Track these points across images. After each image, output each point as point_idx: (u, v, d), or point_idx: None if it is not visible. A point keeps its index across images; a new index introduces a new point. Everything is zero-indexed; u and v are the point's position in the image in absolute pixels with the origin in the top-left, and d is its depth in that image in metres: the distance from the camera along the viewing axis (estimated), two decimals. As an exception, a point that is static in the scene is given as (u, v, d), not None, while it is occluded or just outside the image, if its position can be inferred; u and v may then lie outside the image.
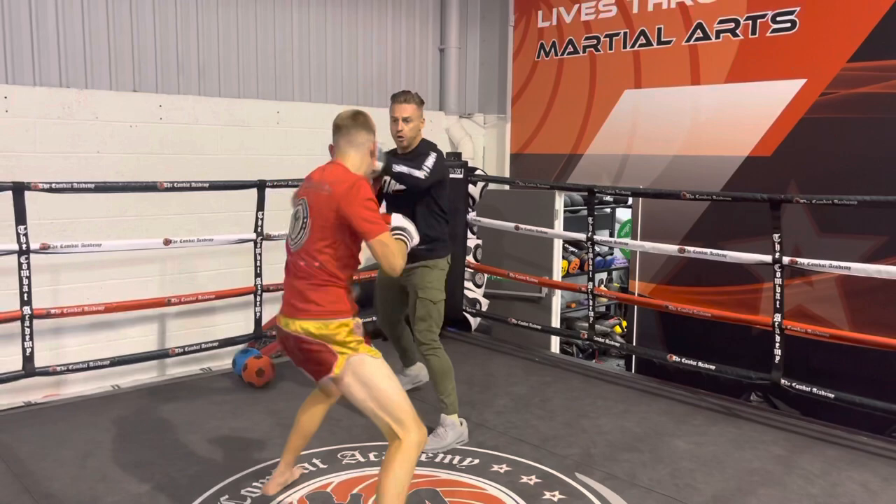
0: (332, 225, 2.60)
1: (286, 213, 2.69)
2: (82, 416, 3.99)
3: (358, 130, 2.76)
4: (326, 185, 2.64)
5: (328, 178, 2.67)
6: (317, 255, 2.62)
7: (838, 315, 4.48)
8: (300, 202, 2.72)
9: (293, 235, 2.72)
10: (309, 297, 2.61)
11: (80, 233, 4.29)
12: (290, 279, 2.72)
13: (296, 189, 2.82)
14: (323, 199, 2.62)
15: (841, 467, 3.47)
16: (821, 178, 4.54)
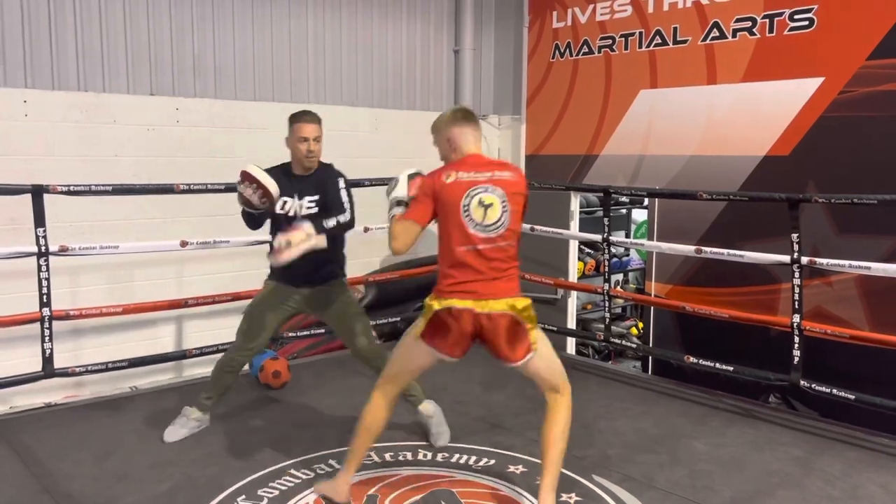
0: (520, 210, 2.89)
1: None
2: (101, 416, 4.03)
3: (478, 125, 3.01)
4: (508, 173, 2.89)
5: (500, 167, 2.92)
6: (513, 239, 2.85)
7: (858, 315, 4.43)
8: (486, 189, 2.80)
9: (485, 222, 2.78)
10: (512, 277, 2.84)
11: (99, 235, 4.33)
12: (479, 264, 2.79)
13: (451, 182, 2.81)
14: (514, 185, 2.85)
15: (861, 469, 3.43)
16: (840, 177, 4.49)
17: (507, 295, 2.80)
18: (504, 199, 2.81)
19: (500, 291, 2.80)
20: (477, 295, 2.78)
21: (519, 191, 2.88)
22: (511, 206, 2.82)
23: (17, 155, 4.28)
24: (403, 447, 3.60)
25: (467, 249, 2.79)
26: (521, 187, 2.90)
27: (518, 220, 2.88)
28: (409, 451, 3.57)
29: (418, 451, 3.58)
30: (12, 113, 4.27)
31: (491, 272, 2.80)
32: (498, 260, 2.80)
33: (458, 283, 2.80)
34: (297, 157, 3.64)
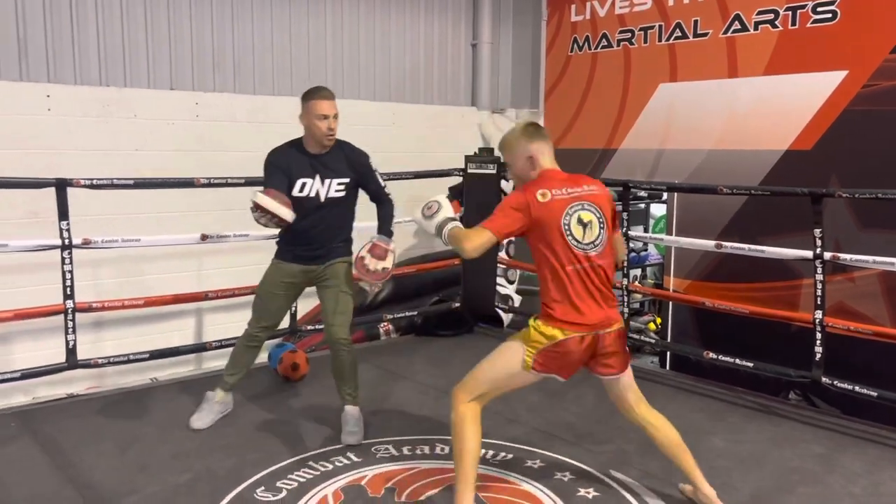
0: (611, 226, 2.88)
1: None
2: (122, 408, 4.07)
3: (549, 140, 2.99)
4: (596, 187, 2.88)
5: (586, 181, 2.89)
6: (611, 258, 2.86)
7: (881, 312, 4.38)
8: (582, 206, 2.78)
9: (587, 240, 2.76)
10: (610, 296, 2.83)
11: (120, 228, 4.37)
12: (588, 284, 2.76)
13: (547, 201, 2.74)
14: (605, 199, 2.86)
15: (883, 467, 3.40)
16: (863, 171, 4.44)
17: (617, 320, 2.85)
18: (601, 216, 2.80)
19: (612, 319, 2.82)
20: (595, 320, 2.76)
21: (610, 204, 2.88)
22: (606, 224, 2.82)
23: (40, 149, 4.33)
24: (421, 441, 3.61)
25: (574, 269, 2.74)
26: (610, 200, 2.90)
27: (610, 235, 2.86)
28: (426, 445, 3.58)
29: (436, 444, 3.59)
30: (35, 107, 4.32)
31: (600, 296, 2.78)
32: (602, 280, 2.78)
33: (565, 303, 2.74)
34: (314, 134, 3.51)
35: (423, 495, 3.07)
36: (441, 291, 5.79)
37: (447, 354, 5.14)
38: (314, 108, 3.49)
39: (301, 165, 3.53)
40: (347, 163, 3.58)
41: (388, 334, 5.59)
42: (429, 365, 4.86)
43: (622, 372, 2.89)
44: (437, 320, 5.63)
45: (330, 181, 3.55)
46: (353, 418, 3.66)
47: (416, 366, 4.83)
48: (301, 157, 3.54)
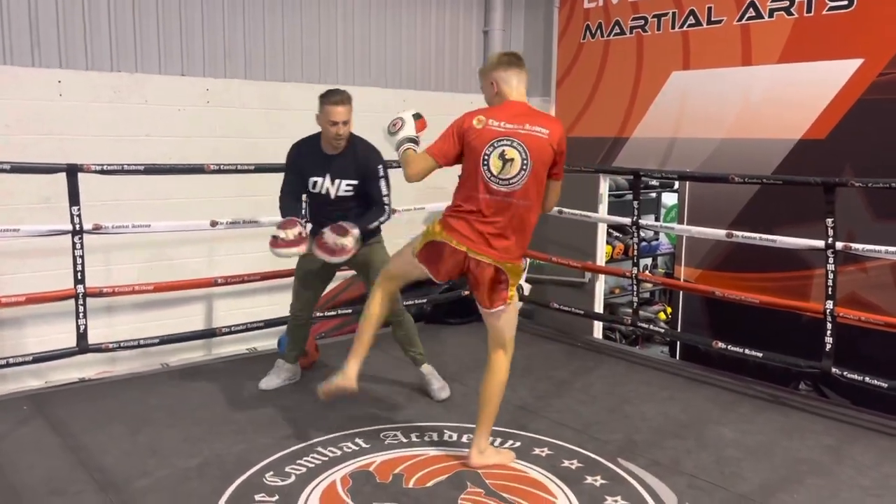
0: (545, 167, 2.84)
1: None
2: (133, 392, 4.11)
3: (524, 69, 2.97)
4: (542, 128, 2.81)
5: (536, 119, 2.85)
6: (534, 198, 2.85)
7: (893, 302, 4.34)
8: (508, 142, 2.80)
9: (504, 176, 2.81)
10: (512, 238, 2.88)
11: (131, 214, 4.38)
12: (489, 213, 2.85)
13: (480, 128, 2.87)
14: (542, 142, 2.80)
15: (893, 458, 3.38)
16: (878, 161, 4.39)
17: (503, 257, 2.89)
18: (526, 157, 2.78)
19: (498, 251, 2.88)
20: (474, 244, 2.89)
21: (549, 148, 2.83)
22: (533, 164, 2.79)
23: (51, 134, 4.34)
24: (429, 427, 3.62)
25: (486, 198, 2.85)
26: (553, 144, 2.85)
27: (539, 181, 2.85)
28: (434, 432, 3.59)
29: (444, 431, 3.60)
30: (47, 93, 4.33)
31: (495, 227, 2.85)
32: (507, 216, 2.83)
33: (463, 217, 2.90)
34: (326, 137, 3.70)
35: (431, 482, 3.08)
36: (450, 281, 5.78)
37: (456, 342, 5.15)
38: (326, 113, 3.64)
39: (314, 164, 3.74)
40: (356, 166, 3.72)
41: (398, 322, 5.58)
42: (438, 352, 4.86)
43: (490, 309, 3.01)
44: (447, 308, 5.64)
45: (339, 181, 3.74)
46: (434, 375, 4.04)
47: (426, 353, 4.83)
48: (315, 156, 3.74)
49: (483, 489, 3.02)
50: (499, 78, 2.93)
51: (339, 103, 3.62)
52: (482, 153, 2.82)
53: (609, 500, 2.95)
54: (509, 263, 2.93)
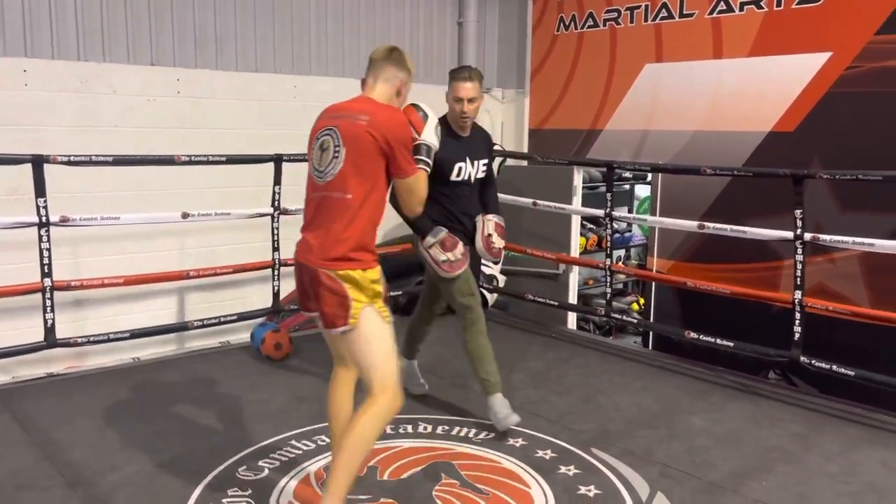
0: (370, 156, 2.46)
1: (303, 187, 2.65)
2: (103, 387, 4.05)
3: (388, 65, 2.63)
4: (362, 115, 2.48)
5: (361, 109, 2.52)
6: (358, 192, 2.46)
7: (859, 292, 4.42)
8: (327, 132, 2.53)
9: (321, 167, 2.52)
10: (338, 236, 2.45)
11: (99, 206, 4.31)
12: (313, 211, 2.54)
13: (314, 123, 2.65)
14: (360, 128, 2.45)
15: (861, 446, 3.45)
16: (845, 153, 4.46)
17: (327, 262, 2.44)
18: (338, 144, 2.47)
19: (321, 253, 2.46)
20: (302, 250, 2.53)
21: (366, 136, 2.44)
22: (347, 153, 2.45)
23: (17, 125, 4.25)
24: (403, 420, 3.62)
25: (311, 196, 2.56)
26: (371, 132, 2.43)
27: (362, 171, 2.45)
28: (409, 424, 3.58)
29: (418, 423, 3.60)
30: (12, 83, 4.24)
31: (318, 226, 2.50)
32: (326, 212, 2.48)
33: (302, 234, 2.58)
34: (452, 116, 3.52)
35: (406, 474, 3.08)
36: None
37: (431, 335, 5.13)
38: (453, 90, 3.46)
39: (453, 149, 3.44)
40: (486, 143, 3.68)
41: (372, 314, 5.56)
42: (412, 345, 4.85)
43: (329, 328, 2.51)
44: (422, 300, 5.62)
45: (477, 162, 3.56)
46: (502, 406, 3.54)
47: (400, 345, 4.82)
48: (453, 141, 3.47)
49: (457, 480, 3.03)
50: (365, 76, 2.68)
51: (466, 79, 3.42)
52: (311, 148, 2.59)
53: (582, 490, 2.98)
54: (340, 270, 2.43)
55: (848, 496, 2.98)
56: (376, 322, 2.49)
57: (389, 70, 2.63)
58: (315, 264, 2.46)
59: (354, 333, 2.47)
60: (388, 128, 2.46)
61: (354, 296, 2.43)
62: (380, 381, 2.48)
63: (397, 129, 2.50)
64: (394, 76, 2.63)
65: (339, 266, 2.44)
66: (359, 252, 2.46)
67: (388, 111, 2.54)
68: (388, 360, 2.52)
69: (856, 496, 2.98)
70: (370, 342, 2.49)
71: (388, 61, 2.63)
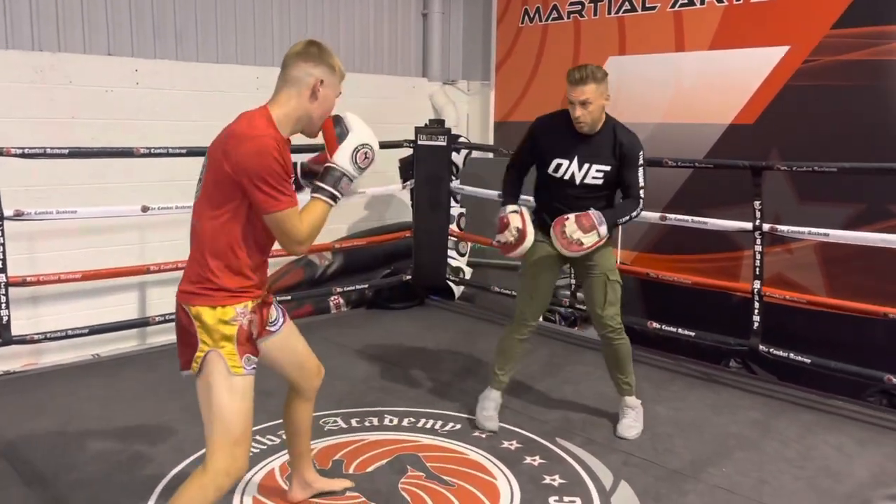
0: (224, 185, 2.10)
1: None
2: (62, 384, 3.97)
3: (299, 62, 2.19)
4: (227, 137, 2.13)
5: (232, 128, 2.16)
6: (205, 216, 2.15)
7: (816, 282, 4.52)
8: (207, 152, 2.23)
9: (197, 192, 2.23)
10: (193, 266, 2.19)
11: (56, 199, 4.22)
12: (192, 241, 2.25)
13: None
14: (219, 152, 2.12)
15: (816, 431, 3.53)
16: (803, 145, 4.55)
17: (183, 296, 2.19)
18: (204, 167, 2.20)
19: (183, 278, 2.22)
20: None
21: (220, 164, 2.09)
22: (207, 175, 2.16)
23: (-32, 116, 4.14)
24: (370, 413, 3.62)
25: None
26: (224, 160, 2.08)
27: (210, 200, 2.14)
28: (375, 417, 3.58)
29: (384, 416, 3.59)
30: (-38, 72, 4.12)
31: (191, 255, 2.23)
32: (191, 236, 2.21)
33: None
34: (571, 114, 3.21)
35: (371, 467, 3.08)
36: (392, 264, 5.77)
37: (398, 327, 5.14)
38: (568, 91, 3.18)
39: (560, 144, 3.25)
40: (613, 149, 3.24)
41: (339, 308, 5.55)
42: (379, 338, 4.85)
43: (181, 367, 2.25)
44: (388, 293, 5.62)
45: (590, 166, 3.23)
46: (630, 409, 3.49)
47: (367, 339, 4.82)
48: (564, 135, 3.25)
49: (423, 472, 3.03)
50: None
51: (579, 82, 3.12)
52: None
53: (547, 479, 3.00)
54: (191, 305, 2.15)
55: (804, 480, 3.05)
56: (218, 371, 2.15)
57: (300, 67, 2.19)
58: (177, 295, 2.21)
59: (198, 381, 2.19)
60: (238, 157, 2.06)
61: (202, 337, 2.15)
62: (211, 445, 2.18)
63: (249, 158, 2.04)
64: (306, 74, 2.18)
65: (190, 300, 2.16)
66: (209, 287, 2.15)
67: (245, 135, 2.09)
68: (223, 419, 2.17)
69: (811, 480, 3.06)
70: (206, 395, 2.18)
71: (301, 57, 2.20)
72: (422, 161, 5.41)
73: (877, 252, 3.94)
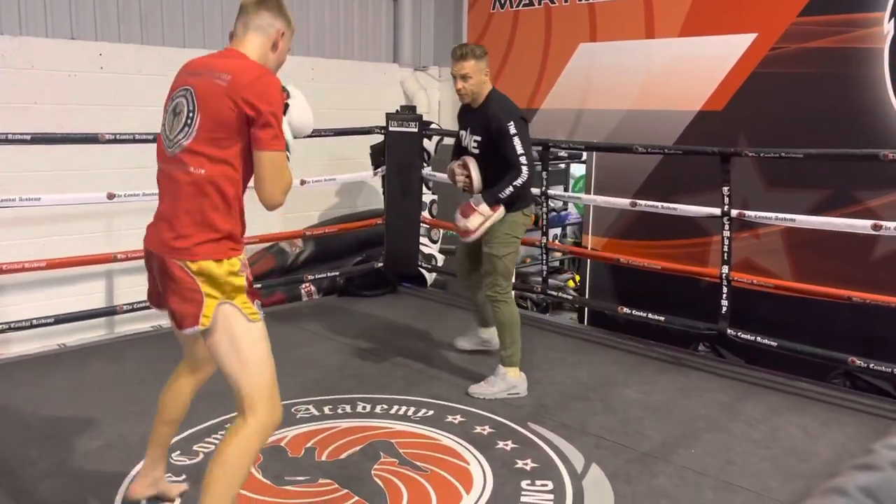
0: (229, 125, 2.05)
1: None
2: (27, 375, 3.90)
3: (262, 10, 2.20)
4: (224, 74, 2.08)
5: (223, 66, 2.12)
6: (204, 162, 2.08)
7: (783, 267, 4.60)
8: (182, 92, 2.15)
9: (171, 135, 2.15)
10: (189, 219, 2.09)
11: (18, 187, 4.12)
12: (162, 187, 2.19)
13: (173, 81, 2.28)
14: (219, 90, 2.06)
15: (782, 413, 3.61)
16: (770, 132, 4.61)
17: (174, 251, 2.09)
18: (192, 107, 2.10)
19: (168, 235, 2.11)
20: (149, 234, 2.21)
21: (225, 99, 2.05)
22: (202, 120, 2.07)
23: (-75, 101, 4.01)
24: (342, 400, 3.61)
25: (160, 168, 2.21)
26: (231, 94, 2.04)
27: (212, 141, 2.07)
28: (347, 404, 3.57)
29: (357, 403, 3.59)
30: (-82, 55, 3.99)
31: (167, 205, 2.15)
32: (175, 188, 2.11)
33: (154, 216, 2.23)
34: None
35: (344, 454, 3.08)
36: (364, 251, 5.74)
37: (370, 315, 5.13)
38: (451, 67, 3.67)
39: (463, 117, 3.84)
40: (485, 122, 3.65)
41: (310, 295, 5.52)
42: (351, 325, 4.84)
43: (178, 327, 2.15)
44: (360, 280, 5.60)
45: (470, 136, 3.74)
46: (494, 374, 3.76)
47: (338, 326, 4.80)
48: (465, 109, 3.81)
49: (397, 458, 3.04)
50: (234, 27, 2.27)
51: (459, 58, 3.60)
52: (165, 109, 2.22)
53: (520, 464, 3.03)
54: (191, 261, 2.07)
55: (770, 461, 3.12)
56: (239, 322, 2.10)
57: (264, 16, 2.20)
58: (163, 252, 2.11)
59: (213, 337, 2.10)
60: (253, 90, 2.04)
61: (207, 291, 2.07)
62: (248, 397, 2.12)
63: (266, 93, 2.05)
64: (269, 24, 2.20)
65: (190, 255, 2.07)
66: (212, 237, 2.09)
67: (257, 70, 2.11)
68: (255, 369, 2.13)
69: (777, 460, 3.12)
70: (232, 347, 2.11)
71: (263, 6, 2.20)
72: (393, 147, 5.38)
73: (841, 237, 4.02)
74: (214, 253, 2.09)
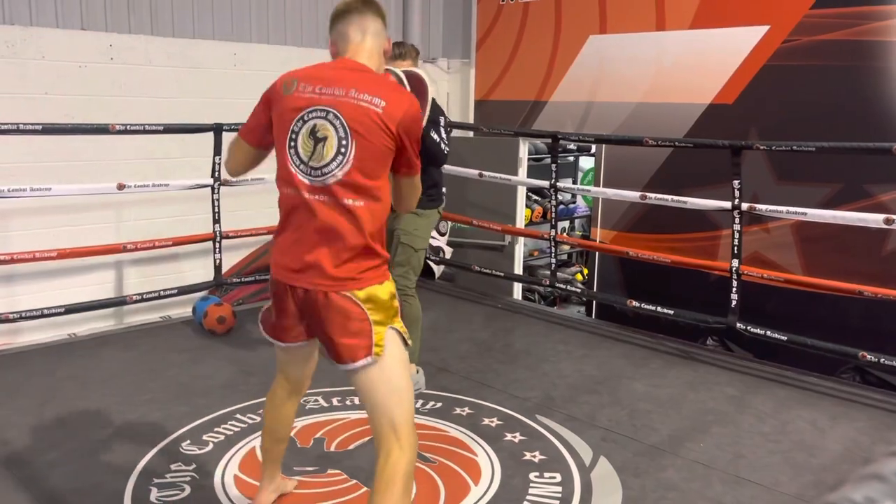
0: (385, 156, 1.97)
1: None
2: (38, 364, 3.92)
3: (372, 15, 2.08)
4: (371, 98, 1.93)
5: (369, 87, 1.95)
6: (361, 192, 1.95)
7: (793, 261, 4.58)
8: (321, 114, 1.95)
9: (316, 163, 1.95)
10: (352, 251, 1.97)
11: (29, 177, 4.13)
12: (304, 219, 1.99)
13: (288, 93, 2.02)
14: (371, 117, 1.92)
15: (791, 406, 3.59)
16: (781, 125, 4.58)
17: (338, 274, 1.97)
18: (345, 135, 1.93)
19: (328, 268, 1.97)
20: (293, 263, 2.02)
21: (381, 131, 1.93)
22: (357, 150, 1.93)
23: (-64, 91, 4.03)
24: (350, 392, 3.61)
25: (290, 193, 2.01)
26: (386, 123, 1.93)
27: (367, 172, 1.94)
28: (355, 396, 3.55)
29: (365, 394, 3.59)
30: (-70, 45, 4.01)
31: (307, 232, 1.98)
32: (330, 220, 1.96)
33: (282, 244, 2.06)
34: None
35: (353, 444, 3.09)
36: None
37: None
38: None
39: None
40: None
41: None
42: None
43: (343, 363, 2.03)
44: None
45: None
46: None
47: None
48: None
49: (405, 450, 3.04)
50: (336, 35, 2.11)
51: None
52: (289, 130, 1.98)
53: (528, 456, 3.03)
54: (359, 290, 1.98)
55: (779, 454, 3.11)
56: (399, 347, 2.04)
57: (378, 22, 2.08)
58: (320, 286, 1.98)
59: (378, 366, 1.99)
60: (407, 121, 1.96)
61: (375, 318, 1.98)
62: (400, 425, 2.02)
63: (415, 119, 2.00)
64: (381, 29, 2.09)
65: (357, 285, 1.98)
66: (374, 264, 2.01)
67: (406, 98, 2.01)
68: (406, 395, 2.05)
69: (786, 454, 3.11)
70: (395, 374, 2.01)
71: (374, 10, 2.08)
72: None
73: (853, 231, 4.00)
74: (378, 277, 2.03)
